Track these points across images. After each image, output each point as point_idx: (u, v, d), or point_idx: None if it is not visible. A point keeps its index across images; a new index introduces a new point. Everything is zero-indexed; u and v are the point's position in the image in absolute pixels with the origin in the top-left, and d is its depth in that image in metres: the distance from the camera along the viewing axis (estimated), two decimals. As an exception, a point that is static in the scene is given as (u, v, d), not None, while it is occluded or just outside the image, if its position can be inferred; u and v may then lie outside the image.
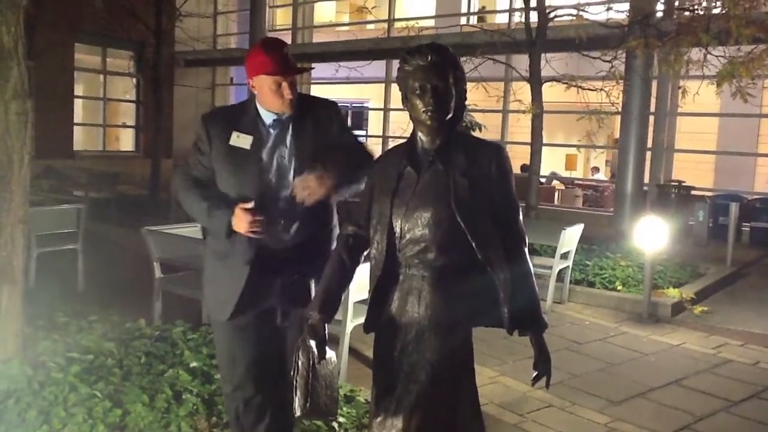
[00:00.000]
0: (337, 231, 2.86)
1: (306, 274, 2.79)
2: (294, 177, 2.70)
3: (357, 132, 24.45)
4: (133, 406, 3.56)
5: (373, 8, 13.11)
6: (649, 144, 12.31)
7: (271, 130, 2.76)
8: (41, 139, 14.63)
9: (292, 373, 2.40)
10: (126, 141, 19.42)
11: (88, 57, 17.69)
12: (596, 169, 16.41)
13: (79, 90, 17.67)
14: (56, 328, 4.80)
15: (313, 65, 14.72)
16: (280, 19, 21.08)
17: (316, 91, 20.35)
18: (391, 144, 15.01)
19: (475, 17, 17.21)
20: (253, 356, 2.85)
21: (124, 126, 19.46)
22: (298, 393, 2.37)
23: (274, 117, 2.76)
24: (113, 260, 7.75)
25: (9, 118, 3.87)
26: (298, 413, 2.40)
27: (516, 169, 9.23)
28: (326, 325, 2.38)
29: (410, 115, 2.38)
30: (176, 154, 18.67)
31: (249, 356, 2.85)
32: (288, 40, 18.98)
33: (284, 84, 2.67)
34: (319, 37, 19.62)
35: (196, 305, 5.59)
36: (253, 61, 2.69)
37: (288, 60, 2.70)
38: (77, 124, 17.53)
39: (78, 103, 17.69)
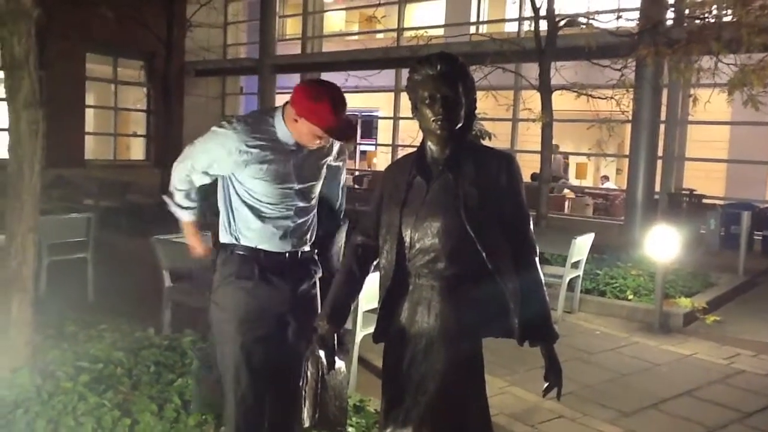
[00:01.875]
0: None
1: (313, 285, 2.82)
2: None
3: (366, 141, 24.51)
4: (142, 415, 3.55)
5: (382, 17, 13.14)
6: (660, 152, 12.26)
7: (293, 149, 2.82)
8: (52, 148, 14.68)
9: (301, 384, 2.39)
10: (136, 150, 19.53)
11: (99, 67, 17.82)
12: (606, 178, 16.33)
13: (90, 99, 17.80)
14: (66, 338, 4.80)
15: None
16: (289, 28, 21.19)
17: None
18: (401, 153, 15.02)
19: (485, 26, 17.21)
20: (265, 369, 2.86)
21: (135, 135, 19.58)
22: (308, 403, 2.36)
23: (293, 144, 2.81)
24: (123, 269, 7.77)
25: (20, 127, 3.89)
26: (307, 423, 2.39)
27: (526, 178, 9.22)
28: (335, 335, 2.37)
29: (420, 125, 2.37)
30: (186, 163, 18.75)
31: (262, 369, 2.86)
32: (297, 49, 19.10)
33: (324, 138, 2.74)
34: (328, 47, 19.69)
35: (205, 314, 5.59)
36: (315, 111, 2.64)
37: (346, 132, 2.77)
38: (88, 134, 17.64)
39: (89, 113, 17.81)
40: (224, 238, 2.88)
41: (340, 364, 2.42)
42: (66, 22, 13.29)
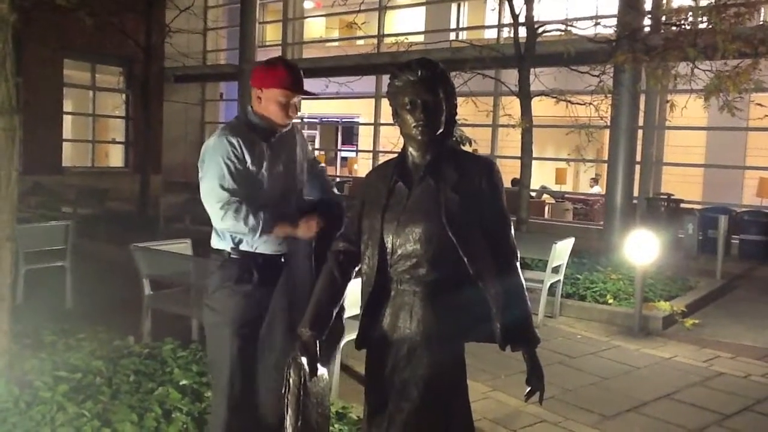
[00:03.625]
0: None
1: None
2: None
3: (347, 147, 24.56)
4: (121, 425, 3.51)
5: (362, 24, 13.14)
6: (638, 157, 12.37)
7: (267, 143, 2.90)
8: (29, 155, 14.58)
9: (283, 391, 2.38)
10: (115, 157, 19.38)
11: (78, 73, 17.68)
12: (595, 181, 16.51)
13: (68, 106, 17.65)
14: (44, 346, 4.74)
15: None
16: (269, 34, 21.16)
17: (306, 106, 20.41)
18: (382, 159, 15.03)
19: (465, 32, 17.30)
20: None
21: (114, 142, 19.43)
22: (290, 411, 2.34)
23: (271, 132, 2.90)
24: (102, 277, 7.69)
25: (-4, 133, 3.84)
26: (289, 431, 2.37)
27: (506, 183, 9.23)
28: (317, 341, 2.36)
29: (401, 130, 2.38)
30: (166, 170, 18.66)
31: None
32: (277, 55, 19.08)
33: (292, 102, 2.85)
34: (308, 53, 19.70)
35: (186, 322, 5.55)
36: (270, 74, 2.83)
37: (303, 83, 2.90)
38: (66, 140, 17.49)
39: (67, 119, 17.66)
40: (219, 244, 2.90)
41: (322, 370, 2.41)
42: (44, 28, 13.17)
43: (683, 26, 8.71)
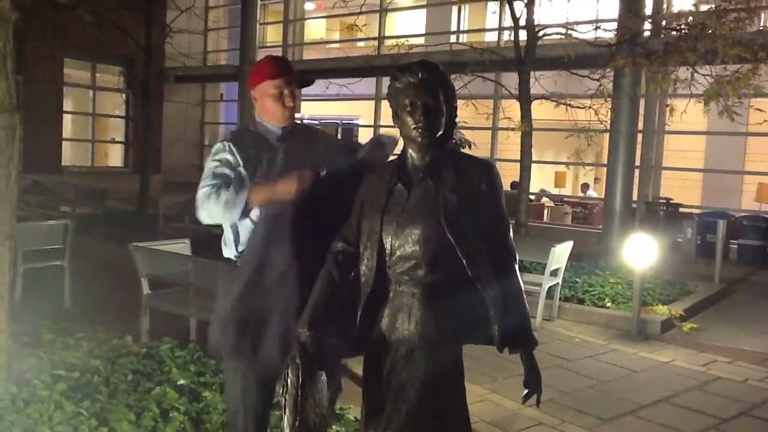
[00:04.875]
0: None
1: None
2: None
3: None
4: (119, 424, 3.51)
5: (363, 26, 13.15)
6: (638, 162, 12.38)
7: (279, 144, 2.83)
8: (29, 154, 14.55)
9: (281, 392, 2.38)
10: (115, 156, 19.38)
11: (78, 72, 17.68)
12: (587, 186, 16.47)
13: (68, 105, 17.64)
14: (42, 345, 4.74)
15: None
16: (270, 36, 21.16)
17: (306, 107, 20.41)
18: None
19: (465, 35, 17.31)
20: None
21: (113, 141, 19.43)
22: (287, 411, 2.34)
23: (278, 133, 2.84)
24: (100, 276, 7.69)
25: (-4, 132, 3.84)
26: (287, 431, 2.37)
27: (506, 186, 9.24)
28: (316, 342, 2.36)
29: (401, 132, 2.38)
30: (165, 170, 18.66)
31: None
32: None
33: (285, 92, 2.77)
34: (309, 55, 19.70)
35: (184, 322, 5.55)
36: (256, 71, 2.81)
37: (291, 68, 2.82)
38: (66, 139, 17.47)
39: (67, 118, 17.65)
40: (225, 252, 2.87)
41: (320, 371, 2.41)
42: (44, 27, 13.19)
43: (683, 31, 8.73)
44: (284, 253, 2.56)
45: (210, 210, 2.69)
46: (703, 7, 8.63)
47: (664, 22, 9.91)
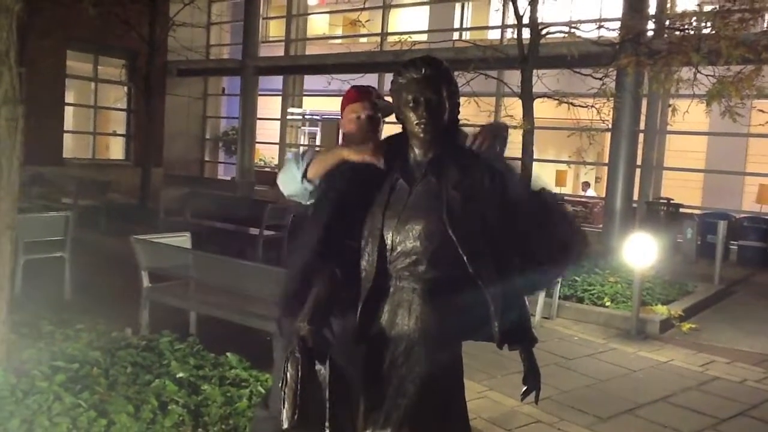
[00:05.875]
0: None
1: None
2: None
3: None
4: (118, 416, 3.52)
5: (366, 22, 13.16)
6: (639, 161, 12.38)
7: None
8: (30, 146, 14.45)
9: (280, 385, 2.38)
10: (116, 149, 19.38)
11: (80, 64, 17.66)
12: (587, 185, 16.46)
13: (69, 97, 17.62)
14: (42, 336, 4.75)
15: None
16: (273, 30, 21.15)
17: (308, 103, 20.39)
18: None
19: (468, 33, 17.29)
20: None
21: (115, 134, 19.42)
22: (287, 405, 2.34)
23: None
24: (101, 269, 7.70)
25: (-1, 123, 3.84)
26: (286, 425, 2.37)
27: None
28: (315, 336, 2.37)
29: (403, 128, 2.38)
30: (166, 163, 18.67)
31: None
32: (280, 51, 19.06)
33: (362, 116, 3.04)
34: (312, 50, 19.68)
35: (184, 315, 5.57)
36: (344, 97, 3.13)
37: (368, 91, 3.13)
38: (67, 132, 17.47)
39: (68, 111, 17.64)
40: None
41: (319, 366, 2.41)
42: (47, 19, 13.16)
43: (687, 31, 8.72)
44: None
45: (292, 182, 2.80)
46: (707, 8, 8.62)
47: (667, 22, 9.89)
